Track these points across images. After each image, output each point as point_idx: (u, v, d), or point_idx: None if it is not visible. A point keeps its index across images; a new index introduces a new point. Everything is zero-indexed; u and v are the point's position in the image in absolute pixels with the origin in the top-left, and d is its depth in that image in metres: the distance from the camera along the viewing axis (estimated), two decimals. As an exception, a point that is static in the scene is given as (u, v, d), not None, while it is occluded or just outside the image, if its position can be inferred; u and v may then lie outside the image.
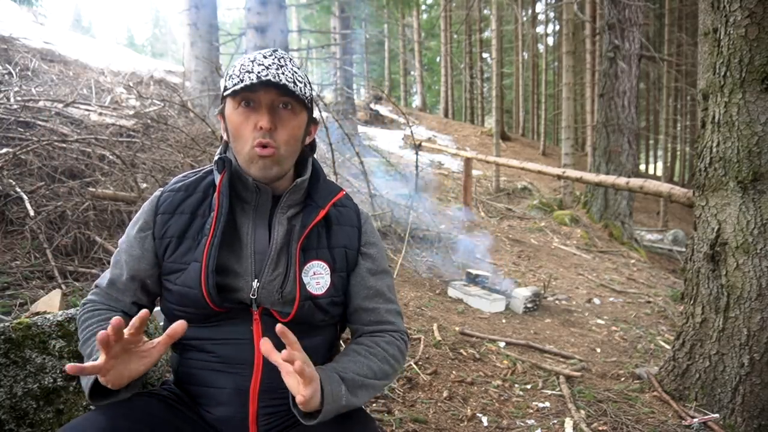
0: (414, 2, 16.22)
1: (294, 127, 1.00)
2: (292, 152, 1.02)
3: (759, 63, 1.87)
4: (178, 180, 1.09)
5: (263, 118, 0.95)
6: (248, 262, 1.00)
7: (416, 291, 3.78)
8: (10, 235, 2.68)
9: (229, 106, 1.00)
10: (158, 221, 1.03)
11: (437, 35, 21.65)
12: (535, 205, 8.46)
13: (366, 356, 1.00)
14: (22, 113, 3.85)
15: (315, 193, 1.07)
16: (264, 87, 0.95)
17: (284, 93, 0.96)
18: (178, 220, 1.02)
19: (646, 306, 4.28)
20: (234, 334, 0.99)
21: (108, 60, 8.17)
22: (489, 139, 14.72)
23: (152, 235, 1.02)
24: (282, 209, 1.03)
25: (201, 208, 1.03)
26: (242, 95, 0.97)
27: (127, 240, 1.05)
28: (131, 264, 1.03)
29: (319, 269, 1.03)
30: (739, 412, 1.98)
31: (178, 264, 0.99)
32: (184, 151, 4.11)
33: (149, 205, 1.06)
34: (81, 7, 59.29)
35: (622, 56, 7.20)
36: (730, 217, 2.01)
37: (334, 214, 1.09)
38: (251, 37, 5.57)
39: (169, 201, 1.04)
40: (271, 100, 0.97)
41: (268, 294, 0.99)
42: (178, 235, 1.01)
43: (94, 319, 1.01)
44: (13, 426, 1.21)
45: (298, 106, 1.00)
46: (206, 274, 0.95)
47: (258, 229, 1.02)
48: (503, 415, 2.08)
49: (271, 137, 0.96)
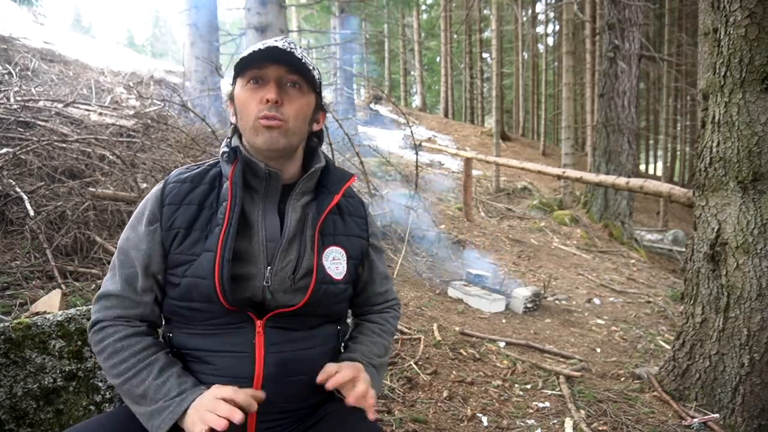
0: (414, 2, 16.22)
1: (302, 104, 0.99)
2: (300, 129, 1.01)
3: (759, 63, 1.87)
4: (182, 171, 1.06)
5: (270, 92, 0.95)
6: (260, 249, 0.99)
7: (416, 291, 3.78)
8: (10, 235, 2.68)
9: (238, 86, 1.00)
10: (165, 212, 0.99)
11: (437, 35, 21.64)
12: (535, 205, 8.45)
13: (380, 335, 1.15)
14: (22, 113, 3.85)
15: (326, 180, 1.08)
16: (273, 62, 0.96)
17: (293, 70, 0.97)
18: (186, 210, 0.99)
19: (646, 306, 4.28)
20: (235, 347, 0.96)
21: (108, 60, 8.17)
22: (489, 139, 14.72)
23: (160, 227, 0.99)
24: (296, 197, 1.04)
25: (208, 200, 1.01)
26: (251, 73, 0.97)
27: (134, 236, 1.00)
28: (141, 259, 0.98)
29: (338, 255, 1.05)
30: (739, 412, 1.98)
31: (185, 255, 0.97)
32: (184, 151, 4.10)
33: (153, 197, 1.02)
34: (81, 7, 59.29)
35: (622, 56, 7.20)
36: (730, 217, 2.01)
37: (345, 204, 1.12)
38: (251, 37, 5.57)
39: (175, 192, 1.01)
40: (279, 76, 0.97)
41: (281, 281, 0.98)
42: (186, 226, 0.98)
43: (127, 352, 0.94)
44: (13, 426, 1.21)
45: (306, 85, 1.01)
46: (221, 263, 0.93)
47: (268, 216, 1.01)
48: (503, 415, 2.08)
49: (278, 111, 0.96)
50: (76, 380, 1.30)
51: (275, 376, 0.96)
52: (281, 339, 0.98)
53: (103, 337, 0.96)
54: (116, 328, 0.97)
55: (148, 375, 0.92)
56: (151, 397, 0.90)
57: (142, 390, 0.91)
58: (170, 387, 0.91)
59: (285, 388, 0.98)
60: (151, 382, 0.92)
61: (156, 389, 0.91)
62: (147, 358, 0.94)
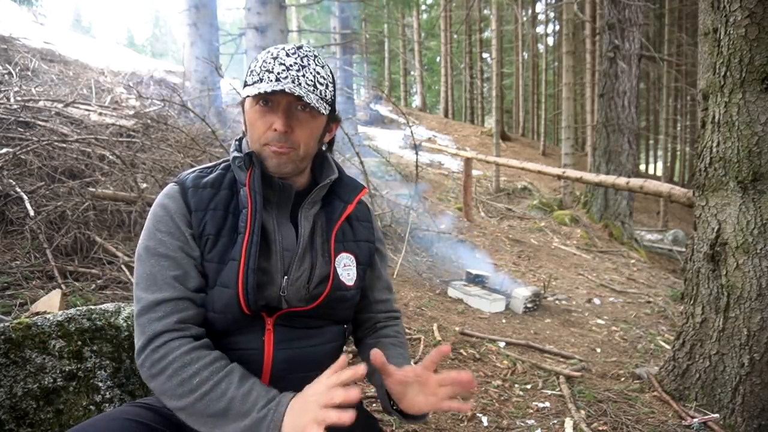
0: (414, 2, 16.22)
1: (312, 128, 0.99)
2: (310, 150, 1.01)
3: (759, 63, 1.87)
4: (196, 176, 1.02)
5: (279, 121, 0.94)
6: (277, 258, 0.98)
7: (416, 291, 3.78)
8: (10, 235, 2.68)
9: (247, 102, 0.99)
10: (194, 218, 0.96)
11: (437, 35, 21.64)
12: (535, 205, 8.46)
13: (400, 346, 1.13)
14: (22, 113, 3.85)
15: (338, 189, 1.09)
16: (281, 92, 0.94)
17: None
18: (214, 216, 0.97)
19: (646, 306, 4.28)
20: (245, 344, 0.97)
21: (108, 60, 8.18)
22: (489, 139, 14.72)
23: (194, 232, 0.96)
24: (307, 206, 1.04)
25: (231, 206, 0.99)
26: (259, 95, 0.96)
27: (171, 240, 0.94)
28: (189, 259, 0.94)
29: (349, 261, 1.06)
30: (739, 412, 1.98)
31: (215, 264, 0.95)
32: (184, 151, 4.10)
33: (175, 203, 0.97)
34: (81, 7, 59.33)
35: (622, 56, 7.20)
36: (730, 217, 2.01)
37: (353, 210, 1.10)
38: (251, 37, 5.58)
39: (198, 198, 0.98)
40: (288, 103, 0.95)
41: (296, 291, 0.98)
42: (215, 233, 0.96)
43: (197, 365, 0.86)
44: (13, 426, 1.20)
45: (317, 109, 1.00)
46: (245, 272, 0.92)
47: (282, 226, 1.01)
48: (503, 415, 2.08)
49: (287, 140, 0.95)
50: (76, 380, 1.30)
51: (282, 373, 0.97)
52: (290, 336, 0.99)
53: (165, 353, 0.87)
54: (180, 342, 0.88)
55: (229, 386, 0.85)
56: (237, 410, 0.83)
57: (225, 404, 0.83)
58: (258, 395, 0.84)
59: (291, 385, 0.97)
60: (234, 392, 0.84)
61: (242, 400, 0.83)
62: (223, 368, 0.87)
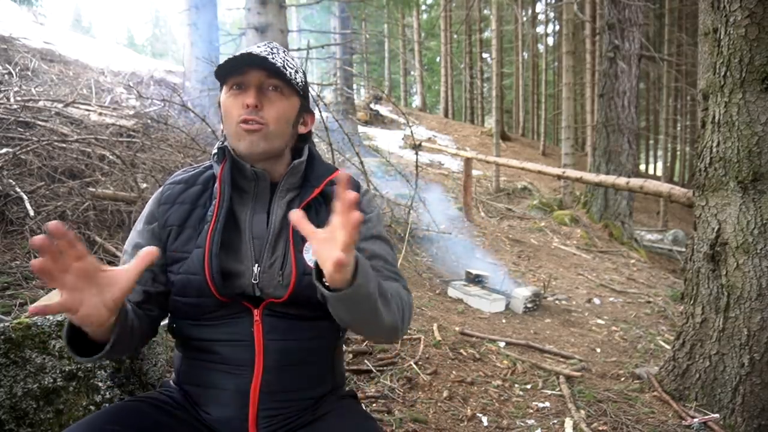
0: (414, 2, 16.21)
1: (283, 107, 1.02)
2: (282, 132, 1.02)
3: (759, 63, 1.87)
4: (180, 173, 1.12)
5: (250, 97, 0.98)
6: (247, 247, 1.01)
7: (416, 291, 3.78)
8: (10, 235, 2.68)
9: (223, 93, 1.04)
10: (160, 211, 1.05)
11: (437, 35, 21.64)
12: (535, 205, 8.46)
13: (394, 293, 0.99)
14: (22, 113, 3.85)
15: (311, 175, 1.09)
16: (252, 68, 0.98)
17: (273, 74, 0.99)
18: (179, 209, 1.04)
19: (646, 306, 4.28)
20: (235, 335, 0.99)
21: (108, 60, 8.18)
22: (489, 139, 14.71)
23: (157, 225, 1.04)
24: (281, 194, 1.05)
25: (201, 199, 1.05)
26: (233, 79, 1.00)
27: (134, 234, 1.06)
28: (134, 250, 1.02)
29: None
30: (739, 412, 1.98)
31: (179, 253, 1.00)
32: (184, 151, 4.10)
33: (153, 199, 1.08)
34: (81, 7, 59.31)
35: (622, 56, 7.20)
36: (730, 217, 2.01)
37: (331, 192, 1.05)
38: (251, 37, 5.57)
39: (170, 192, 1.07)
40: (259, 81, 0.99)
41: (270, 278, 0.99)
42: (178, 224, 1.02)
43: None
44: (13, 426, 1.21)
45: (288, 89, 1.03)
46: (209, 258, 0.96)
47: (256, 215, 1.04)
48: (503, 415, 2.08)
49: (257, 114, 0.98)
50: (76, 380, 1.30)
51: (276, 364, 0.98)
52: (281, 328, 0.99)
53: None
54: None
55: None
56: None
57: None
58: None
59: (285, 377, 0.99)
60: None
61: None
62: None
